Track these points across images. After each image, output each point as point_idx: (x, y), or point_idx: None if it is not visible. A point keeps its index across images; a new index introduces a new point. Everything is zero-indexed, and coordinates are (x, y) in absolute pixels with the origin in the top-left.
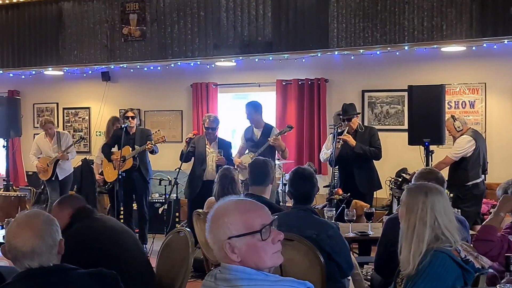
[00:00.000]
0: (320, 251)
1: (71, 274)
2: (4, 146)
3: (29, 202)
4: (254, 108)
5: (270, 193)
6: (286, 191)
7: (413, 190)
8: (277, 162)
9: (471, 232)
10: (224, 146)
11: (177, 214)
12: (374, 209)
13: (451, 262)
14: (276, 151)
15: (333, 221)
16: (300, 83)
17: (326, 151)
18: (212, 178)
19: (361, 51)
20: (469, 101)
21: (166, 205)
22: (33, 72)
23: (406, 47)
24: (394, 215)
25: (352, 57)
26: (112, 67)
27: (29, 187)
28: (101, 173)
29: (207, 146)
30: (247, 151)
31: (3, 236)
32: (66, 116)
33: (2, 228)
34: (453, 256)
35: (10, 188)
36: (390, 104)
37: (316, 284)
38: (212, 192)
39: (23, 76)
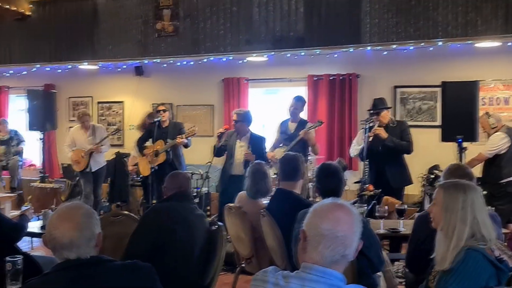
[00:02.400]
0: None
1: (107, 266)
2: (40, 139)
3: (63, 194)
4: (302, 103)
5: (302, 188)
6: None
7: (450, 189)
8: (309, 157)
9: (504, 230)
10: (255, 141)
11: (208, 208)
12: (406, 205)
13: (484, 261)
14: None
15: (364, 217)
16: (331, 78)
17: (356, 147)
18: (239, 173)
19: (394, 46)
20: (503, 97)
21: (198, 199)
22: (69, 67)
23: (439, 43)
24: (425, 212)
25: (385, 53)
26: (146, 62)
27: (64, 179)
28: (135, 164)
29: (237, 140)
30: (281, 144)
31: (41, 227)
32: (100, 110)
33: (38, 219)
34: (487, 255)
35: (46, 180)
36: (422, 100)
37: (347, 279)
38: (240, 186)
39: (59, 70)
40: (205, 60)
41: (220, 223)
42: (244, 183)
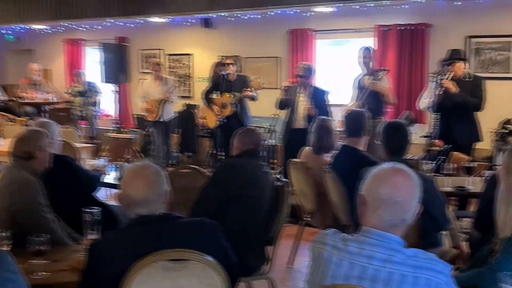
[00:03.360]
0: None
1: (176, 221)
2: (115, 91)
3: (137, 144)
4: (368, 51)
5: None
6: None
7: None
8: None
9: None
10: (317, 95)
11: (274, 160)
12: (475, 163)
13: None
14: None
15: (430, 174)
16: (400, 28)
17: (424, 100)
18: (301, 127)
19: None
20: None
21: (264, 151)
22: (140, 21)
23: None
24: (496, 171)
25: (459, 3)
26: (214, 15)
27: (137, 130)
28: (204, 117)
29: (299, 94)
30: (356, 101)
31: (117, 178)
32: (171, 63)
33: (115, 168)
34: None
35: (120, 130)
36: (497, 50)
37: (410, 238)
38: (302, 139)
39: (132, 25)
40: (272, 13)
41: (284, 179)
42: (307, 137)
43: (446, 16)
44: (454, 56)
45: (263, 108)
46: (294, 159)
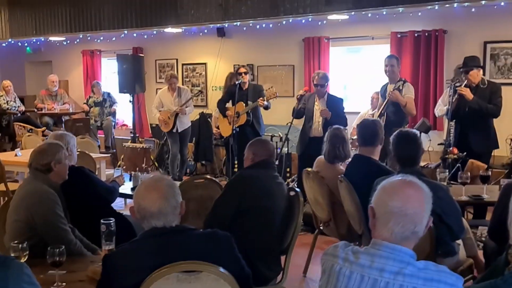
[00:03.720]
0: (431, 213)
1: (190, 234)
2: (130, 101)
3: (153, 153)
4: (397, 60)
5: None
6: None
7: None
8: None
9: None
10: (334, 103)
11: (288, 169)
12: (490, 171)
13: None
14: None
15: (444, 183)
16: (416, 35)
17: (441, 107)
18: (318, 135)
19: (483, 2)
20: None
21: (277, 160)
22: (154, 32)
23: None
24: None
25: (473, 9)
26: (226, 25)
27: (153, 139)
28: (218, 127)
29: (315, 102)
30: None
31: (131, 189)
32: (185, 72)
33: (130, 177)
34: None
35: (137, 140)
36: None
37: (425, 247)
38: (319, 148)
39: (145, 36)
40: (284, 22)
41: (297, 189)
42: (322, 146)
43: (462, 22)
44: (471, 63)
45: (278, 117)
46: (308, 169)
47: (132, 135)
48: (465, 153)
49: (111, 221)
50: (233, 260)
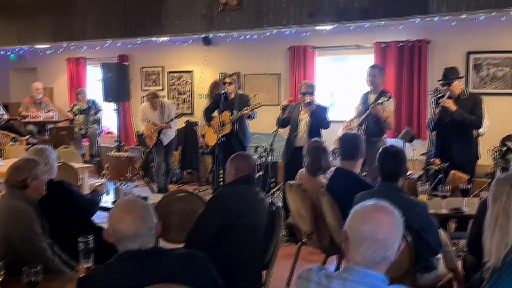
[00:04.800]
0: (408, 230)
1: (165, 255)
2: (115, 110)
3: (138, 161)
4: (380, 70)
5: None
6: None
7: (500, 180)
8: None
9: None
10: (319, 111)
11: (272, 179)
12: (473, 182)
13: None
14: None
15: (426, 195)
16: (400, 45)
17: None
18: (304, 144)
19: (463, 16)
20: None
21: (262, 171)
22: (139, 42)
23: None
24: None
25: (453, 23)
26: (210, 36)
27: (139, 147)
28: (204, 135)
29: (301, 112)
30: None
31: (112, 202)
32: (171, 80)
33: (115, 185)
34: None
35: (122, 149)
36: (497, 66)
37: (404, 262)
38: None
39: (129, 46)
40: (268, 33)
41: (278, 204)
42: (303, 160)
43: (445, 33)
44: (451, 75)
45: (264, 125)
46: (291, 181)
47: (117, 144)
48: (447, 163)
49: (89, 239)
50: (211, 281)
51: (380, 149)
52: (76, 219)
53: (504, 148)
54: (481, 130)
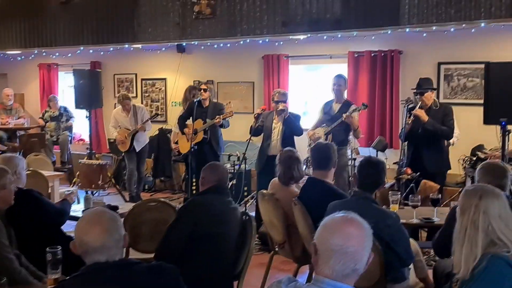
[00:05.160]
0: (378, 240)
1: (133, 268)
2: (87, 117)
3: (110, 168)
4: (345, 80)
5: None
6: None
7: (468, 192)
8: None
9: None
10: (292, 120)
11: (245, 188)
12: (443, 191)
13: (508, 268)
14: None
15: (397, 205)
16: (372, 55)
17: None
18: (277, 153)
19: (434, 28)
20: None
21: (234, 180)
22: (111, 49)
23: (482, 24)
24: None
25: (424, 34)
26: (184, 44)
27: (111, 154)
28: (177, 142)
29: (274, 120)
30: (323, 125)
31: (83, 211)
32: (144, 87)
33: (87, 193)
34: (511, 262)
35: (93, 156)
36: (468, 77)
37: (375, 273)
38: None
39: (102, 53)
40: (242, 42)
41: (250, 214)
42: (276, 169)
43: (416, 43)
44: (425, 85)
45: (237, 133)
46: (263, 190)
47: (89, 151)
48: (418, 173)
49: (57, 249)
50: None
51: (362, 159)
52: (45, 229)
53: (474, 158)
54: (451, 140)
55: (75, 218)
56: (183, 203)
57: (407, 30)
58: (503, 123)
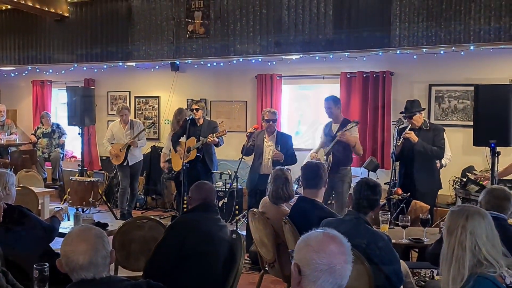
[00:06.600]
0: (368, 262)
1: (118, 286)
2: (79, 134)
3: (102, 186)
4: (334, 102)
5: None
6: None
7: (455, 213)
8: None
9: None
10: (283, 140)
11: (236, 206)
12: (433, 212)
13: None
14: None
15: (387, 225)
16: (364, 75)
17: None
18: (268, 172)
19: (424, 50)
20: None
21: (226, 198)
22: (105, 67)
23: (471, 47)
24: None
25: (415, 56)
26: (178, 62)
27: (103, 171)
28: (168, 161)
29: (265, 139)
30: (326, 146)
31: (72, 228)
32: (138, 105)
33: (77, 210)
34: (497, 283)
35: (85, 173)
36: (458, 98)
37: None
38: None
39: (95, 70)
40: (234, 61)
41: (240, 232)
42: (267, 187)
43: (407, 65)
44: (414, 108)
45: (230, 152)
46: (254, 209)
47: (80, 169)
48: (409, 193)
49: (44, 266)
50: None
51: (359, 180)
52: (34, 245)
53: (465, 179)
54: (443, 162)
55: (64, 235)
56: (171, 222)
57: (398, 52)
58: (492, 144)
